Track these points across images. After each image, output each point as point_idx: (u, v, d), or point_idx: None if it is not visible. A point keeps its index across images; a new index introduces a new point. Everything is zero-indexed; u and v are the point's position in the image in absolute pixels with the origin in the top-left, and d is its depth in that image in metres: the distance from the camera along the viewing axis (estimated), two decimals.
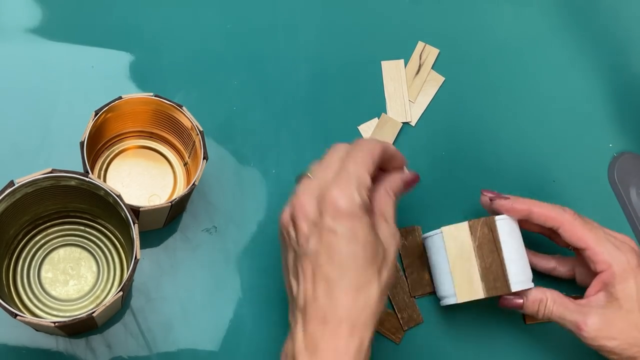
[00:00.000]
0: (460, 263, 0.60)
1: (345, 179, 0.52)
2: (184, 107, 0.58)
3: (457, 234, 0.60)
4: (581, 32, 0.76)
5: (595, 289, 0.59)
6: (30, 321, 0.49)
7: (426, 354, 0.64)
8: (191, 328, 0.61)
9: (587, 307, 0.59)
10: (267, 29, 0.72)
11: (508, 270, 0.59)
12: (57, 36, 0.67)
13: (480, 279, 0.59)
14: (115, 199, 0.52)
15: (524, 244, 0.61)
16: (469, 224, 0.60)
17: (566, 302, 0.59)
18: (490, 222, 0.60)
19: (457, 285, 0.60)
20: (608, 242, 0.59)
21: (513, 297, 0.60)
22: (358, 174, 0.52)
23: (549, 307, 0.59)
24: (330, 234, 0.50)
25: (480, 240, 0.59)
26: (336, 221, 0.50)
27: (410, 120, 0.71)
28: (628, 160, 0.72)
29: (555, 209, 0.60)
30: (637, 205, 0.70)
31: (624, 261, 0.58)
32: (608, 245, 0.59)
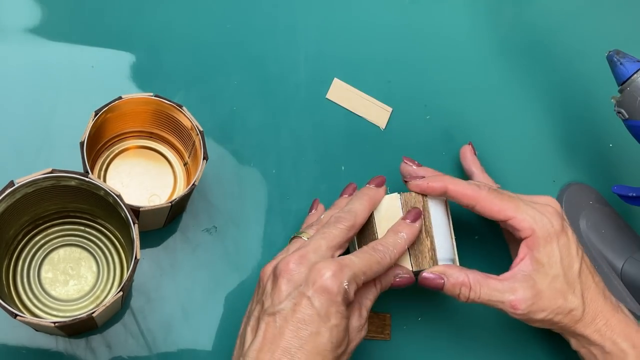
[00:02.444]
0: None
1: (345, 265, 0.52)
2: (184, 107, 0.58)
3: (390, 204, 0.60)
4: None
5: (521, 256, 0.58)
6: (30, 321, 0.49)
7: (420, 346, 0.64)
8: (191, 328, 0.61)
9: (514, 281, 0.57)
10: (267, 29, 0.72)
11: (437, 247, 0.58)
12: (57, 36, 0.67)
13: (409, 251, 0.59)
14: (115, 199, 0.52)
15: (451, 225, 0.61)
16: (401, 197, 0.59)
17: (492, 283, 0.57)
18: (424, 198, 0.59)
19: None
20: (529, 207, 0.58)
21: (434, 276, 0.58)
22: (359, 269, 0.53)
23: (475, 291, 0.57)
24: (306, 304, 0.51)
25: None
26: (318, 296, 0.51)
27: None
28: (575, 191, 0.71)
29: (471, 186, 0.59)
30: (586, 236, 0.69)
31: (547, 224, 0.57)
32: (530, 211, 0.58)
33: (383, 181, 0.60)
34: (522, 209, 0.58)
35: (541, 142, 0.73)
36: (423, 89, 0.73)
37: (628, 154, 0.73)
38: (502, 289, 0.57)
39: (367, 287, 0.56)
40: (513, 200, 0.59)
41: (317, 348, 0.50)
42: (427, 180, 0.59)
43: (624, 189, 0.65)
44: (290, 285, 0.52)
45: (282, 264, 0.53)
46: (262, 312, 0.52)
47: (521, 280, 0.57)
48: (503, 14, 0.77)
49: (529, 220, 0.58)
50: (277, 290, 0.52)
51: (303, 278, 0.52)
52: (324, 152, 0.69)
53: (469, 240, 0.68)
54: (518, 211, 0.58)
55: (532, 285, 0.57)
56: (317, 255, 0.53)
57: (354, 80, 0.71)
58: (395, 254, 0.56)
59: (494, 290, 0.57)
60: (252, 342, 0.51)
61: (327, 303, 0.51)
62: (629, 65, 0.59)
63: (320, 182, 0.68)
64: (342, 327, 0.51)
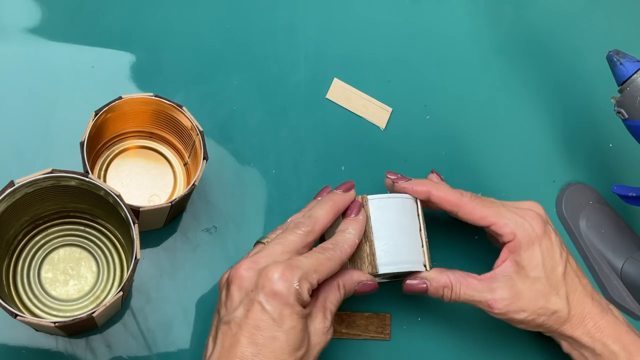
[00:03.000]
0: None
1: (294, 266, 0.51)
2: (184, 107, 0.58)
3: None
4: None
5: (502, 258, 0.59)
6: (30, 321, 0.49)
7: (420, 346, 0.64)
8: (191, 328, 0.61)
9: (494, 281, 0.58)
10: (267, 29, 0.72)
11: (377, 250, 0.58)
12: (57, 36, 0.67)
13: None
14: (115, 199, 0.52)
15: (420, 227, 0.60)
16: None
17: (472, 282, 0.58)
18: (363, 200, 0.59)
19: None
20: (511, 213, 0.59)
21: (417, 281, 0.59)
22: (309, 269, 0.52)
23: (456, 291, 0.58)
24: (258, 310, 0.50)
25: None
26: (268, 300, 0.50)
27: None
28: (575, 191, 0.71)
29: (455, 192, 0.60)
30: (586, 236, 0.69)
31: (529, 228, 0.58)
32: (511, 216, 0.59)
33: (351, 186, 0.59)
34: (504, 214, 0.59)
35: (541, 142, 0.73)
36: (423, 89, 0.73)
37: (628, 154, 0.73)
38: (481, 289, 0.58)
39: (331, 291, 0.55)
40: (495, 206, 0.59)
41: (275, 353, 0.50)
42: (412, 183, 0.60)
43: (624, 189, 0.65)
44: (242, 291, 0.51)
45: (234, 271, 0.53)
46: (219, 321, 0.52)
47: (500, 281, 0.58)
48: (503, 14, 0.77)
49: (511, 225, 0.58)
50: (230, 298, 0.52)
51: (253, 283, 0.51)
52: (324, 152, 0.69)
53: (469, 240, 0.68)
54: (499, 217, 0.59)
55: (511, 285, 0.58)
56: (269, 259, 0.52)
57: (354, 80, 0.71)
58: (346, 248, 0.55)
59: (474, 289, 0.58)
60: (212, 352, 0.51)
61: (280, 306, 0.50)
62: (629, 65, 0.59)
63: (320, 182, 0.68)
64: (299, 328, 0.51)
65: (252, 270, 0.52)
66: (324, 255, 0.54)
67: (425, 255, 0.60)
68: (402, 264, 0.59)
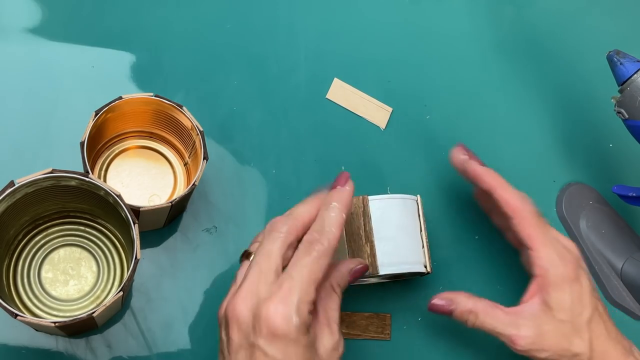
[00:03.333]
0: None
1: (286, 291, 0.47)
2: (184, 107, 0.58)
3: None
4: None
5: (531, 294, 0.58)
6: (30, 321, 0.49)
7: (420, 346, 0.64)
8: (191, 328, 0.61)
9: (519, 317, 0.57)
10: (267, 29, 0.72)
11: (378, 251, 0.58)
12: (57, 36, 0.67)
13: (348, 258, 0.58)
14: (116, 199, 0.52)
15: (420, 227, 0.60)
16: None
17: (498, 314, 0.57)
18: (364, 200, 0.59)
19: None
20: (552, 247, 0.58)
21: (444, 303, 0.58)
22: (302, 285, 0.47)
23: (480, 319, 0.57)
24: (261, 356, 0.46)
25: (351, 219, 0.59)
26: (269, 343, 0.46)
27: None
28: (575, 191, 0.71)
29: (517, 198, 0.59)
30: (586, 236, 0.69)
31: (562, 270, 0.57)
32: (550, 251, 0.57)
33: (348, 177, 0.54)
34: (547, 245, 0.58)
35: (541, 142, 0.73)
36: (423, 89, 0.73)
37: (628, 154, 0.73)
38: (506, 322, 0.57)
39: (327, 298, 0.51)
40: (544, 231, 0.58)
41: None
42: (484, 171, 0.60)
43: (624, 189, 0.65)
44: (241, 334, 0.48)
45: (230, 307, 0.48)
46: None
47: (527, 318, 0.57)
48: (503, 14, 0.77)
49: (546, 260, 0.57)
50: (231, 341, 0.48)
51: (251, 324, 0.47)
52: (324, 152, 0.69)
53: (469, 241, 0.68)
54: (543, 246, 0.57)
55: (537, 325, 0.57)
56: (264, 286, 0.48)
57: (354, 80, 0.71)
58: (334, 232, 0.50)
59: (499, 321, 0.57)
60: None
61: (283, 347, 0.46)
62: (629, 65, 0.59)
63: (320, 182, 0.67)
64: (307, 357, 0.47)
65: (248, 305, 0.48)
66: (312, 256, 0.49)
67: (426, 255, 0.60)
68: (403, 264, 0.59)
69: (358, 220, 0.59)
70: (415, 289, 0.66)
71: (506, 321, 0.57)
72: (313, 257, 0.49)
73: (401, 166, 0.69)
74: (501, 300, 0.67)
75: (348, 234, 0.59)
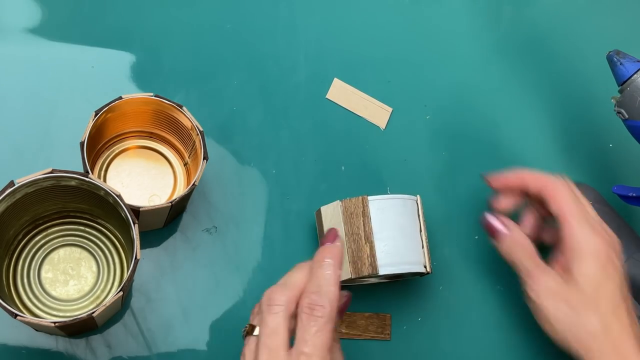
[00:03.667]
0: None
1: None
2: (184, 107, 0.58)
3: (333, 212, 0.60)
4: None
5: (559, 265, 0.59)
6: (30, 321, 0.49)
7: (420, 346, 0.64)
8: (191, 328, 0.61)
9: (547, 269, 0.58)
10: (267, 29, 0.72)
11: (377, 251, 0.58)
12: (57, 36, 0.67)
13: (348, 258, 0.58)
14: (115, 199, 0.52)
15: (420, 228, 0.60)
16: (342, 203, 0.59)
17: (533, 254, 0.59)
18: (364, 201, 0.59)
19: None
20: (587, 224, 0.58)
21: (499, 223, 0.60)
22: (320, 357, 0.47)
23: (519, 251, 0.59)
24: None
25: (351, 220, 0.59)
26: None
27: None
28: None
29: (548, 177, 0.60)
30: None
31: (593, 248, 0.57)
32: (587, 228, 0.58)
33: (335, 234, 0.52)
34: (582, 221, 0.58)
35: (541, 142, 0.73)
36: (423, 89, 0.73)
37: (628, 154, 0.73)
38: (536, 263, 0.58)
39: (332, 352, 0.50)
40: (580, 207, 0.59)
41: None
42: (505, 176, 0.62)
43: (624, 189, 0.65)
44: None
45: None
46: None
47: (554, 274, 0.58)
48: (503, 14, 0.77)
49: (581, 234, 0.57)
50: None
51: None
52: (324, 152, 0.69)
53: (469, 241, 0.68)
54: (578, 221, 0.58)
55: (558, 281, 0.57)
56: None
57: (354, 80, 0.71)
58: (333, 291, 0.49)
59: (529, 258, 0.59)
60: None
61: None
62: (629, 66, 0.59)
63: (320, 182, 0.68)
64: None
65: None
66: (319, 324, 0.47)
67: (426, 256, 0.60)
68: (403, 264, 0.59)
69: (358, 221, 0.59)
70: (415, 289, 0.66)
71: (537, 262, 0.59)
72: (320, 324, 0.47)
73: (401, 166, 0.69)
74: (501, 301, 0.67)
75: (348, 234, 0.59)
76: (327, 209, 0.61)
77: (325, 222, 0.61)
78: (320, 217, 0.62)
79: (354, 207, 0.59)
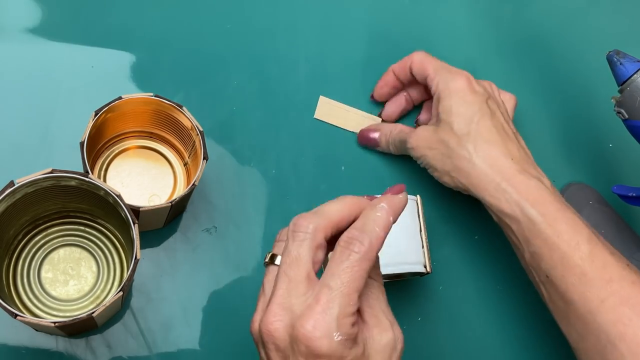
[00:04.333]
0: None
1: (324, 305, 0.41)
2: (184, 107, 0.58)
3: None
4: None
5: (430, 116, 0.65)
6: (30, 321, 0.49)
7: (420, 345, 0.64)
8: (191, 328, 0.61)
9: (421, 126, 0.64)
10: (267, 29, 0.72)
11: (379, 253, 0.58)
12: (57, 36, 0.67)
13: None
14: (115, 199, 0.52)
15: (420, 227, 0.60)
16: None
17: (405, 127, 0.65)
18: None
19: None
20: (444, 69, 0.63)
21: (370, 131, 0.67)
22: (342, 297, 0.42)
23: (393, 135, 0.65)
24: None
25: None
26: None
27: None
28: (575, 191, 0.71)
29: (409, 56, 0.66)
30: None
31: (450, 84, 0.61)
32: (442, 72, 0.63)
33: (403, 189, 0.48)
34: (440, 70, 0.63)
35: (541, 142, 0.73)
36: None
37: (628, 154, 0.73)
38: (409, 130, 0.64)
39: (367, 289, 0.45)
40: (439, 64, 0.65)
41: None
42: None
43: (624, 189, 0.65)
44: (279, 354, 0.43)
45: (263, 328, 0.43)
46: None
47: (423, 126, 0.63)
48: (503, 14, 0.77)
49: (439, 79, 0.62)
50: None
51: (288, 344, 0.42)
52: (324, 152, 0.69)
53: (470, 241, 0.68)
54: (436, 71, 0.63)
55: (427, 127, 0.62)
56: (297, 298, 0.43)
57: (354, 80, 0.71)
58: (377, 232, 0.44)
59: (402, 131, 0.65)
60: None
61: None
62: (629, 65, 0.59)
63: (320, 182, 0.68)
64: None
65: (283, 324, 0.42)
66: (351, 260, 0.43)
67: (426, 255, 0.60)
68: (402, 264, 0.59)
69: None
70: (415, 289, 0.66)
71: (409, 130, 0.64)
72: (352, 260, 0.43)
73: (401, 166, 0.69)
74: (501, 301, 0.67)
75: None
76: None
77: None
78: None
79: None
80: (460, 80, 0.61)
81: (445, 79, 0.62)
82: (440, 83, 0.62)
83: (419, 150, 0.62)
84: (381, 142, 0.67)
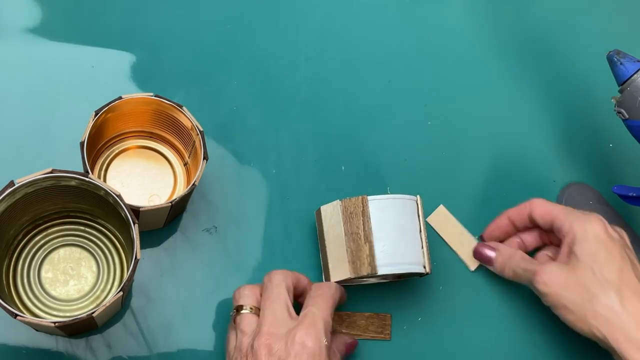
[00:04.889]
0: (334, 241, 0.60)
1: (310, 320, 0.54)
2: (184, 107, 0.58)
3: (333, 212, 0.60)
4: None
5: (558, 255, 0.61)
6: (30, 321, 0.49)
7: (420, 346, 0.64)
8: (191, 328, 0.61)
9: (548, 261, 0.61)
10: (267, 29, 0.72)
11: (377, 251, 0.58)
12: (57, 36, 0.67)
13: (347, 258, 0.59)
14: (115, 199, 0.52)
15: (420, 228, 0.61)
16: (342, 203, 0.60)
17: (526, 257, 0.62)
18: (363, 201, 0.59)
19: (331, 266, 0.60)
20: (574, 211, 0.61)
21: (487, 249, 0.65)
22: (324, 316, 0.55)
23: (514, 261, 0.62)
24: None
25: (351, 219, 0.59)
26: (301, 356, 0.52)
27: None
28: (575, 191, 0.71)
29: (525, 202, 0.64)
30: None
31: (588, 226, 0.59)
32: (574, 213, 0.61)
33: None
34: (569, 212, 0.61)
35: (541, 142, 0.73)
36: (423, 89, 0.73)
37: (628, 154, 0.73)
38: (533, 262, 0.61)
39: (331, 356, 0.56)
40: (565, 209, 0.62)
41: None
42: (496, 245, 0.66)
43: (624, 189, 0.65)
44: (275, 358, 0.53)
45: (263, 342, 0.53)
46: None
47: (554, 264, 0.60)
48: (503, 14, 0.77)
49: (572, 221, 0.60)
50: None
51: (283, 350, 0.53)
52: (324, 152, 0.69)
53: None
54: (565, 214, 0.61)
55: (562, 266, 0.59)
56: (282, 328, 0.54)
57: (354, 80, 0.71)
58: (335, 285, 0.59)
59: (525, 260, 0.62)
60: None
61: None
62: (629, 65, 0.59)
63: (320, 182, 0.68)
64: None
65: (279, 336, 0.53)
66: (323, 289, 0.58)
67: (425, 256, 0.60)
68: (402, 265, 0.59)
69: (357, 220, 0.59)
70: (415, 289, 0.66)
71: (533, 261, 0.61)
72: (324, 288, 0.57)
73: (401, 166, 0.69)
74: (501, 301, 0.67)
75: (347, 234, 0.59)
76: (327, 209, 0.61)
77: (325, 222, 0.61)
78: (320, 216, 0.62)
79: (353, 206, 0.59)
80: (597, 224, 0.59)
81: (580, 220, 0.60)
82: (575, 225, 0.59)
83: (553, 289, 0.58)
84: (496, 263, 0.64)
